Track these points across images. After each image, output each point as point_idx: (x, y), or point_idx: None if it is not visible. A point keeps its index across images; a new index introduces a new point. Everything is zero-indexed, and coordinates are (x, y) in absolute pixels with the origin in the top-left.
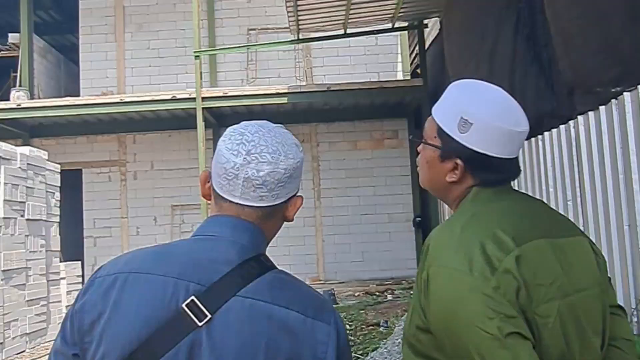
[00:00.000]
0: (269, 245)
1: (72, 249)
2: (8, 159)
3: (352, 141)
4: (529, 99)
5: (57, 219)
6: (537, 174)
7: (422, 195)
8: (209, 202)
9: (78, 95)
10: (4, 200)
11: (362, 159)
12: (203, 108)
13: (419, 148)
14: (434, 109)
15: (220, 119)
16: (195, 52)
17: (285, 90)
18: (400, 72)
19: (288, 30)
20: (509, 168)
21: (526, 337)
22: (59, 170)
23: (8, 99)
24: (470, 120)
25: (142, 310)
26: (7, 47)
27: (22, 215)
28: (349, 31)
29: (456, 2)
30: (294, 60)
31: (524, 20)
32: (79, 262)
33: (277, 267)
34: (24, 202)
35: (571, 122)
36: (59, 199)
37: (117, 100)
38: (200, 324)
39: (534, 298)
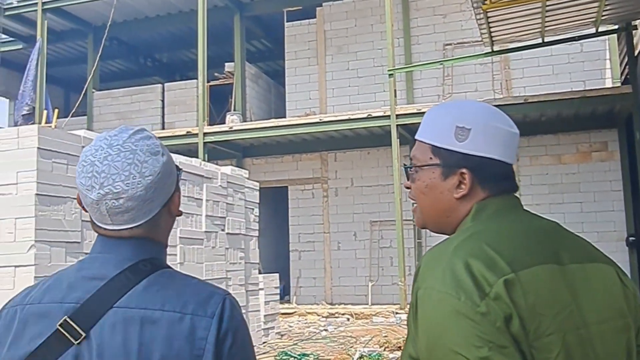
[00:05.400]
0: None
1: (281, 261)
2: (210, 178)
3: (556, 155)
4: None
5: (256, 233)
6: None
7: (636, 213)
8: None
9: (285, 117)
10: (206, 215)
11: (567, 173)
12: (398, 125)
13: (407, 182)
14: (418, 135)
15: None
16: (389, 70)
17: None
18: (609, 80)
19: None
20: (512, 175)
21: None
22: (258, 188)
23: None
24: (467, 126)
25: (30, 339)
26: (223, 75)
27: (223, 230)
28: (547, 39)
29: None
30: (491, 73)
31: None
32: (277, 274)
33: (165, 268)
34: (224, 217)
35: None
36: (257, 214)
37: (317, 120)
38: (76, 342)
39: (532, 330)
